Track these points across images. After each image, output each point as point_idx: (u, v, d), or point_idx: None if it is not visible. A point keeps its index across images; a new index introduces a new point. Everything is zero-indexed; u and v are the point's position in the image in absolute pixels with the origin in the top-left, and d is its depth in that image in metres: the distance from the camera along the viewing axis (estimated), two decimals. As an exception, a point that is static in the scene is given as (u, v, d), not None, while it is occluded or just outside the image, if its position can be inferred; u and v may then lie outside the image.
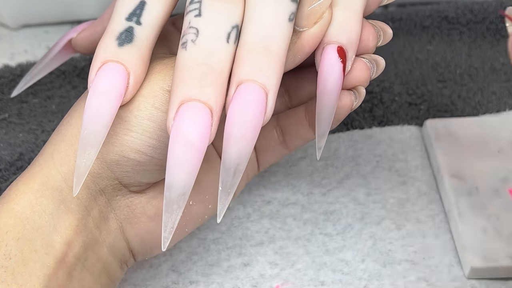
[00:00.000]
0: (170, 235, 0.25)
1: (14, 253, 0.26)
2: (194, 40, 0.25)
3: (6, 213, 0.27)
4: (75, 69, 0.45)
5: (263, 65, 0.25)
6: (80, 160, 0.26)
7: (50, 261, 0.27)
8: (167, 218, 0.25)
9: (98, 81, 0.26)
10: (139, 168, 0.28)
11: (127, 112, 0.27)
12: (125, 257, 0.30)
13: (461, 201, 0.37)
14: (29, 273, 0.26)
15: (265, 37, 0.25)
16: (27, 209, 0.27)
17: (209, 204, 0.31)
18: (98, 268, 0.29)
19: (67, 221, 0.27)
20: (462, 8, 0.50)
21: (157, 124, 0.27)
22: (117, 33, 0.26)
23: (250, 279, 0.35)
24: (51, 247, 0.27)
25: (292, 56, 0.27)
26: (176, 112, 0.24)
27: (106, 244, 0.29)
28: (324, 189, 0.40)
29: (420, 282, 0.35)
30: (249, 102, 0.24)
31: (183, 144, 0.24)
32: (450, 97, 0.44)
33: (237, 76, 0.25)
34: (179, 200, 0.25)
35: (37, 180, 0.28)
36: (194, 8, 0.26)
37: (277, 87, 0.25)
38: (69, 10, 0.50)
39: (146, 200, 0.30)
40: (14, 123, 0.42)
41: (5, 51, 0.49)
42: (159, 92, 0.27)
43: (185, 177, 0.24)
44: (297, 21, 0.27)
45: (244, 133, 0.24)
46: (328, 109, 0.28)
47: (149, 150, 0.27)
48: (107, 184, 0.28)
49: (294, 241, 0.37)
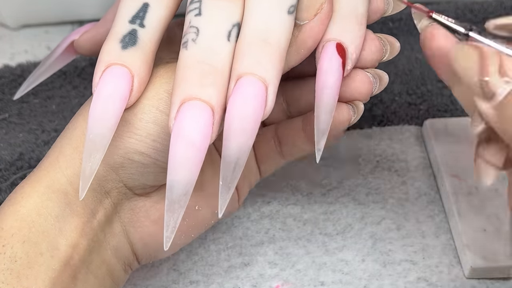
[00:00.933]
0: (172, 235, 0.25)
1: (20, 256, 0.26)
2: (195, 39, 0.25)
3: (12, 216, 0.27)
4: (76, 69, 0.45)
5: (262, 59, 0.25)
6: (86, 164, 0.26)
7: (55, 264, 0.27)
8: (169, 217, 0.25)
9: (103, 85, 0.26)
10: (144, 171, 0.28)
11: (131, 115, 0.27)
12: (129, 260, 0.30)
13: (461, 201, 0.37)
14: (34, 276, 0.26)
15: (264, 30, 0.25)
16: (33, 212, 0.27)
17: (216, 210, 0.31)
18: (103, 271, 0.29)
19: (72, 224, 0.27)
20: (462, 8, 0.50)
21: (162, 127, 0.27)
22: (121, 36, 0.26)
23: (250, 279, 0.35)
24: (56, 250, 0.27)
25: (295, 50, 0.27)
26: (177, 111, 0.24)
27: (110, 247, 0.29)
28: (324, 189, 0.40)
29: (420, 282, 0.35)
30: (248, 95, 0.24)
31: (184, 143, 0.24)
32: (450, 97, 0.44)
33: (236, 70, 0.25)
34: (181, 199, 0.25)
35: (43, 183, 0.28)
36: (194, 7, 0.26)
37: (278, 81, 0.25)
38: (70, 10, 0.50)
39: (150, 204, 0.30)
40: (14, 123, 0.42)
41: (5, 51, 0.49)
42: (164, 95, 0.27)
43: (187, 176, 0.24)
44: (298, 15, 0.27)
45: (244, 127, 0.24)
46: (327, 107, 0.27)
47: (153, 152, 0.27)
48: (112, 187, 0.28)
49: (294, 241, 0.37)
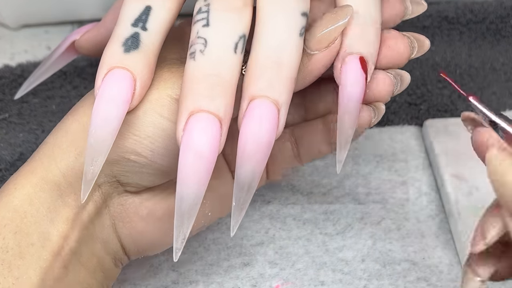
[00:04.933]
0: (181, 246, 0.26)
1: (11, 246, 0.26)
2: (203, 50, 0.25)
3: (5, 207, 0.27)
4: (76, 69, 0.45)
5: (275, 81, 0.25)
6: (88, 168, 0.26)
7: (46, 255, 0.27)
8: (179, 229, 0.25)
9: (105, 88, 0.26)
10: (138, 170, 0.28)
11: (132, 117, 0.27)
12: (118, 255, 0.31)
13: (461, 201, 0.37)
14: (25, 266, 0.26)
15: (277, 52, 0.25)
16: (26, 203, 0.27)
17: (208, 212, 0.31)
18: (93, 263, 0.29)
19: (64, 215, 0.28)
20: (462, 8, 0.50)
21: (161, 131, 0.27)
22: (123, 39, 0.26)
23: (250, 279, 0.35)
24: (47, 241, 0.27)
25: (302, 78, 0.28)
26: (185, 123, 0.24)
27: (100, 240, 0.29)
28: (324, 189, 0.40)
29: (420, 282, 0.35)
30: (262, 119, 0.25)
31: (194, 155, 0.24)
32: (450, 97, 0.44)
33: (249, 91, 0.25)
34: (191, 211, 0.25)
35: (36, 174, 0.28)
36: (202, 18, 0.26)
37: (289, 103, 0.26)
38: (69, 10, 0.50)
39: (139, 201, 0.30)
40: (15, 123, 0.42)
41: (5, 51, 0.49)
42: (167, 100, 0.27)
43: (196, 188, 0.25)
44: (308, 44, 0.27)
45: (257, 151, 0.25)
46: (350, 122, 0.28)
47: (150, 154, 0.27)
48: (104, 181, 0.29)
49: (294, 241, 0.37)
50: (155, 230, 0.31)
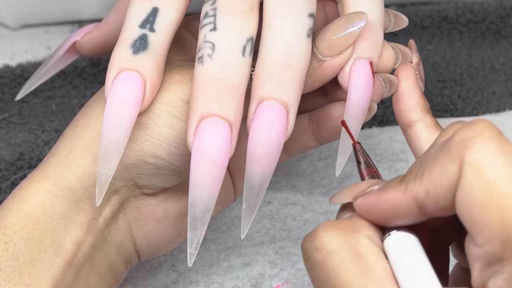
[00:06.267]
0: (196, 251, 0.26)
1: (23, 253, 0.26)
2: (211, 54, 0.25)
3: (17, 213, 0.27)
4: (76, 69, 0.45)
5: (284, 83, 0.25)
6: (102, 170, 0.26)
7: (58, 262, 0.27)
8: (192, 234, 0.25)
9: (115, 90, 0.26)
10: (156, 172, 0.28)
11: (148, 120, 0.27)
12: (130, 257, 0.31)
13: (461, 201, 0.37)
14: (37, 273, 0.26)
15: (285, 54, 0.25)
16: (38, 210, 0.27)
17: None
18: (105, 267, 0.29)
19: (78, 222, 0.28)
20: (462, 8, 0.50)
21: (177, 133, 0.27)
22: (131, 41, 0.26)
23: (250, 279, 0.35)
24: (60, 248, 0.27)
25: (311, 83, 0.28)
26: (196, 127, 0.25)
27: (114, 244, 0.29)
28: (324, 189, 0.40)
29: (420, 282, 0.35)
30: (271, 121, 0.25)
31: (205, 161, 0.24)
32: (450, 97, 0.44)
33: (258, 93, 0.25)
34: (204, 216, 0.25)
35: (50, 180, 0.28)
36: (209, 22, 0.26)
37: (297, 105, 0.26)
38: (70, 10, 0.50)
39: (155, 203, 0.30)
40: (14, 123, 0.43)
41: (5, 51, 0.49)
42: (179, 103, 0.27)
43: (209, 193, 0.25)
44: (319, 48, 0.27)
45: (267, 153, 0.25)
46: (355, 126, 0.28)
47: (168, 156, 0.27)
48: (122, 185, 0.29)
49: (294, 241, 0.37)
50: (170, 230, 0.31)
